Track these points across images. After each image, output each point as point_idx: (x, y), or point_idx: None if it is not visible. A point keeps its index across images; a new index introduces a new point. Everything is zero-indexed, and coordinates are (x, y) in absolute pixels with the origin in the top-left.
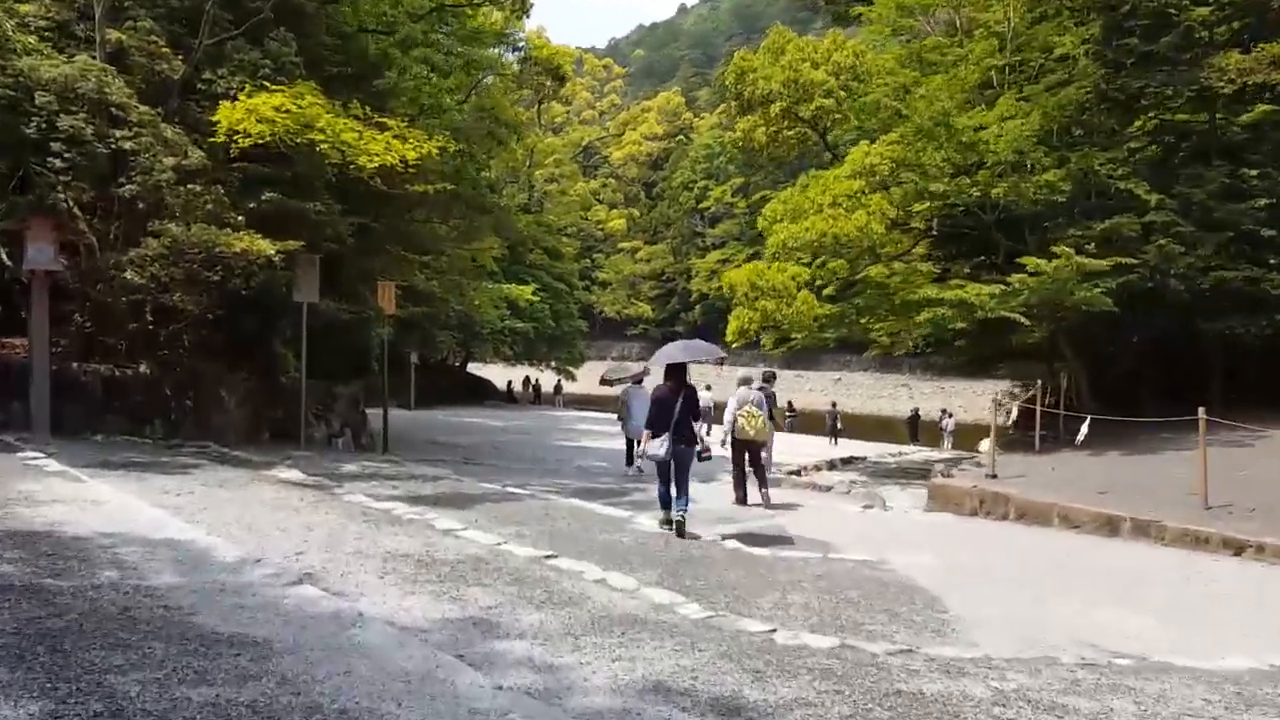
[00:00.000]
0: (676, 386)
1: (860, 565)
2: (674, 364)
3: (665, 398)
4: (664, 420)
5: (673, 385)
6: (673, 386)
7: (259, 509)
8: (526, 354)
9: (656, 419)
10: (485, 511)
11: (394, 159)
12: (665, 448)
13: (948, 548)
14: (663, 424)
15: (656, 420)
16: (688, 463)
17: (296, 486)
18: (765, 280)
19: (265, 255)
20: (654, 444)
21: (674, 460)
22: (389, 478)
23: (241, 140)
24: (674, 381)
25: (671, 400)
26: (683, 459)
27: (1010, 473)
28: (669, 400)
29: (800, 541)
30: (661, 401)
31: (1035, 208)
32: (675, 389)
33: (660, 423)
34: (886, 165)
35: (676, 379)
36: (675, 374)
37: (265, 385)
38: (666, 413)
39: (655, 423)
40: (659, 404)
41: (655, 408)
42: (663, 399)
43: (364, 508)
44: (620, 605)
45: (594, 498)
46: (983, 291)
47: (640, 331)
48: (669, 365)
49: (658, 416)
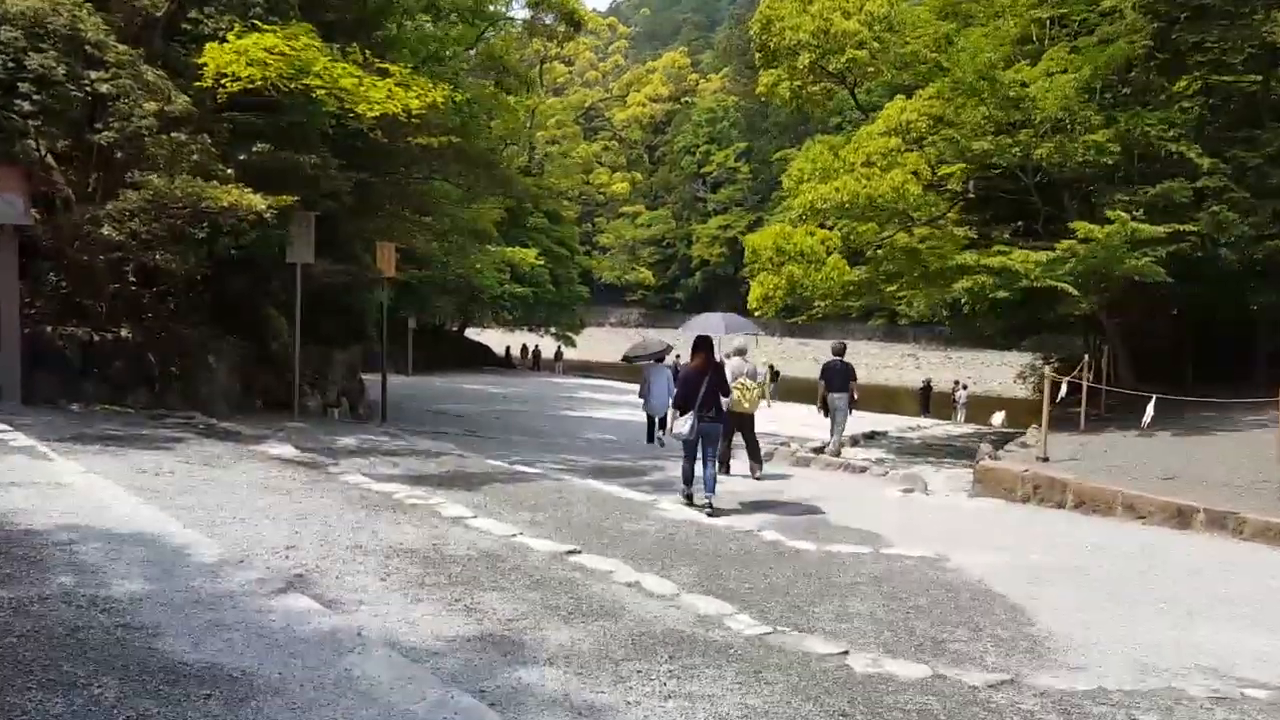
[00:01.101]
0: (704, 362)
1: (920, 564)
2: (702, 338)
3: (692, 375)
4: (692, 398)
5: (700, 361)
6: (700, 363)
7: (246, 492)
8: (526, 319)
9: (684, 397)
10: (494, 494)
11: (396, 107)
12: (691, 426)
13: (1011, 542)
14: (690, 402)
15: (685, 398)
16: (717, 438)
17: (289, 464)
18: (793, 244)
19: (256, 211)
20: (680, 422)
21: (702, 437)
22: (389, 453)
23: (230, 85)
24: (702, 357)
25: (699, 377)
26: (711, 434)
27: (1061, 455)
28: (696, 377)
29: (845, 533)
30: (689, 379)
31: (1082, 170)
32: (703, 365)
33: (689, 400)
34: (924, 122)
35: (705, 354)
36: (703, 349)
37: (257, 351)
38: (694, 390)
39: (683, 400)
40: (686, 381)
41: (683, 385)
42: (690, 376)
43: (362, 490)
44: (661, 617)
45: (610, 477)
46: (1030, 258)
47: (639, 298)
48: (698, 340)
49: (685, 394)
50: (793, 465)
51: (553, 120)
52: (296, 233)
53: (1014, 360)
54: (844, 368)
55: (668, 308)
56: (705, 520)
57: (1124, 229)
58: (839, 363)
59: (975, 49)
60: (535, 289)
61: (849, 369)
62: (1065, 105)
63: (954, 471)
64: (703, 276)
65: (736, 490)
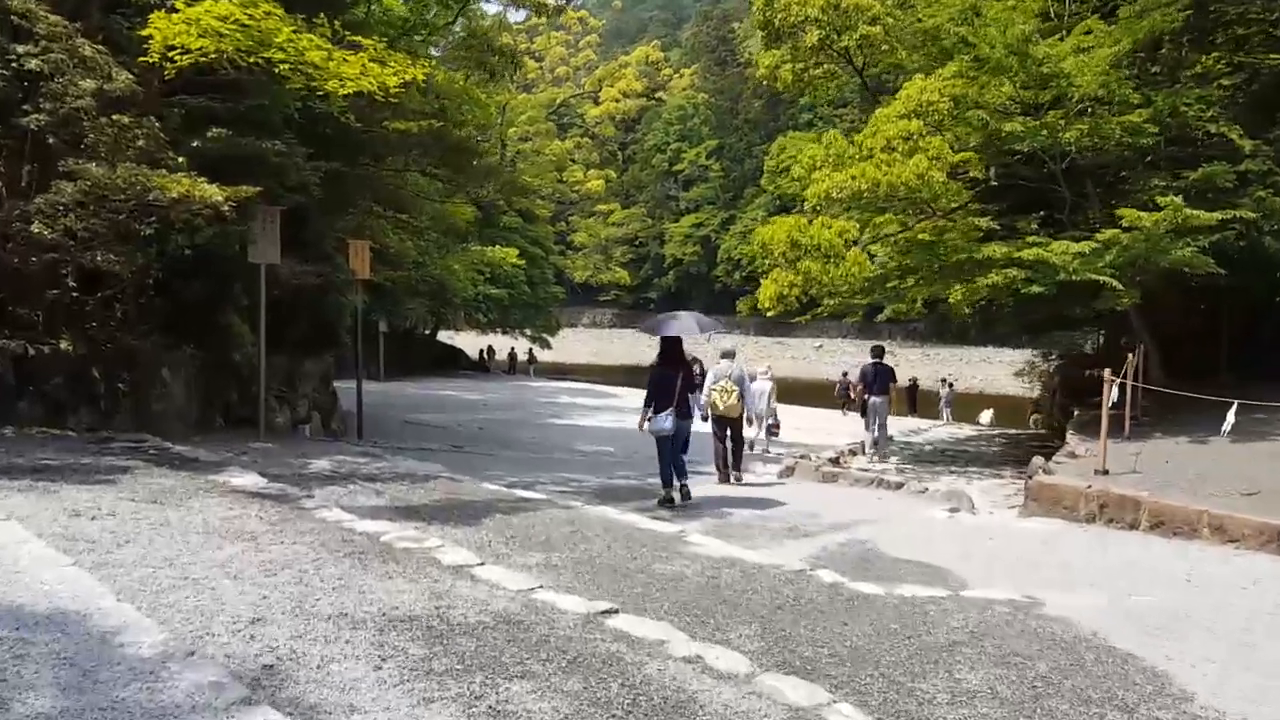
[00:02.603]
0: (675, 361)
1: (1014, 612)
2: (671, 338)
3: (667, 374)
4: (667, 395)
5: (671, 360)
6: (671, 361)
7: (201, 540)
8: (501, 322)
9: (659, 395)
10: (498, 529)
11: (371, 85)
12: (671, 421)
13: (1098, 576)
14: (665, 399)
15: (659, 396)
16: (687, 435)
17: (254, 498)
18: (809, 236)
19: (212, 204)
20: (658, 419)
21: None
22: (369, 478)
23: (180, 59)
24: (672, 356)
25: (673, 375)
26: (682, 432)
27: (1117, 467)
28: (670, 376)
29: (906, 568)
30: (663, 378)
31: (1120, 153)
32: (675, 364)
33: (663, 398)
34: (945, 103)
35: (674, 353)
36: (673, 348)
37: (217, 363)
38: (669, 388)
39: (657, 398)
40: (660, 380)
41: (655, 383)
42: (663, 374)
43: (343, 530)
44: (746, 715)
45: (621, 501)
46: (1069, 250)
47: (612, 298)
48: (667, 340)
49: (660, 392)
50: (820, 482)
51: (524, 117)
52: (260, 230)
53: (993, 356)
54: (883, 369)
55: (641, 307)
56: (746, 556)
57: (1176, 215)
58: (878, 364)
59: (1006, 21)
60: (511, 290)
61: (889, 371)
62: (1104, 83)
63: (985, 484)
64: (676, 275)
65: (766, 515)
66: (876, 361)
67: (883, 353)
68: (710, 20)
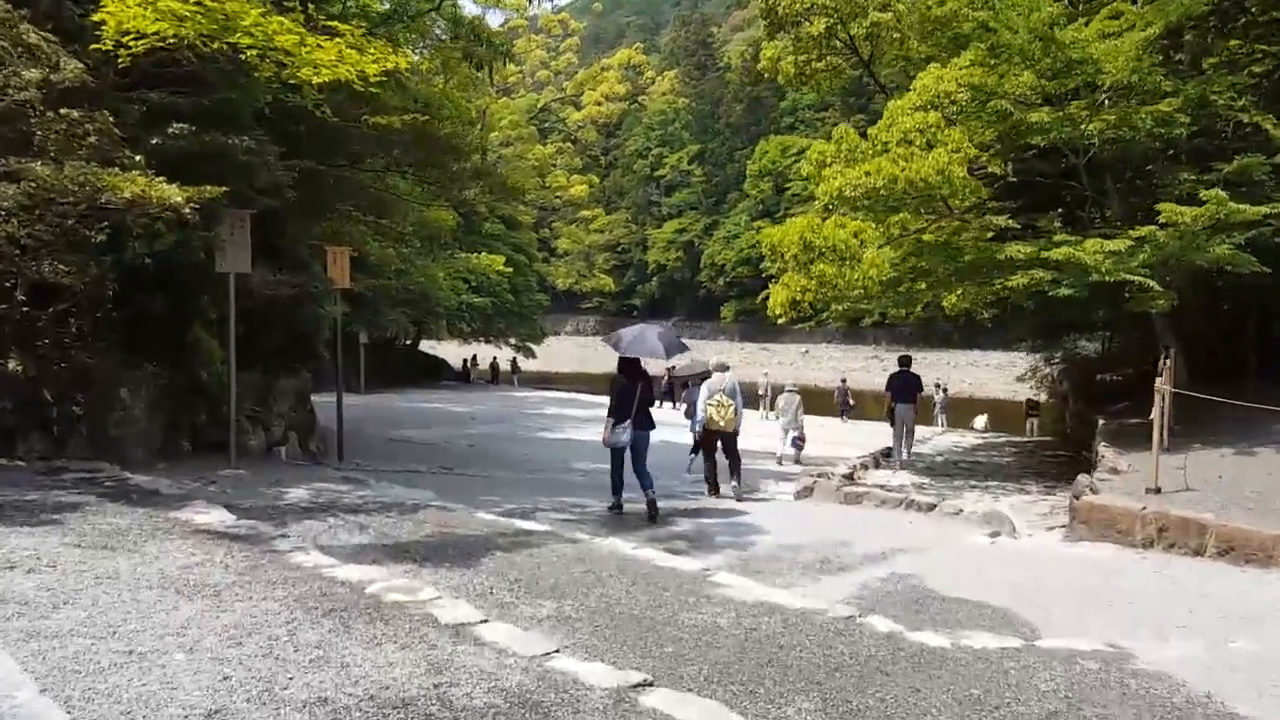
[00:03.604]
0: (635, 373)
1: (1105, 667)
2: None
3: (627, 386)
4: (626, 407)
5: (631, 372)
6: (631, 374)
7: (154, 598)
8: (485, 331)
9: (619, 406)
10: (499, 571)
11: (349, 73)
12: (628, 434)
13: (1184, 616)
14: (624, 411)
15: (619, 407)
16: (645, 448)
17: (220, 540)
18: (823, 238)
19: (172, 206)
20: (618, 431)
21: (633, 446)
22: (352, 510)
23: (135, 45)
24: (632, 369)
25: (632, 388)
26: (641, 445)
27: (1169, 484)
28: (630, 388)
29: (965, 610)
30: (623, 389)
31: (1150, 144)
32: (634, 376)
33: (622, 410)
34: (963, 93)
35: (634, 365)
36: (631, 363)
37: (183, 382)
38: (628, 400)
39: (617, 409)
40: (621, 391)
41: (617, 395)
42: (625, 386)
43: (322, 580)
44: None
45: (631, 530)
46: (1102, 248)
47: (596, 305)
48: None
49: (620, 404)
50: (843, 503)
51: (505, 121)
52: (228, 235)
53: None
54: (910, 378)
55: (625, 314)
56: (782, 600)
57: (1220, 209)
58: (905, 373)
59: (1028, 5)
60: (494, 299)
61: (915, 379)
62: (1136, 69)
63: (1014, 501)
64: (660, 282)
65: (792, 545)
66: (904, 370)
67: (910, 361)
68: (689, 25)
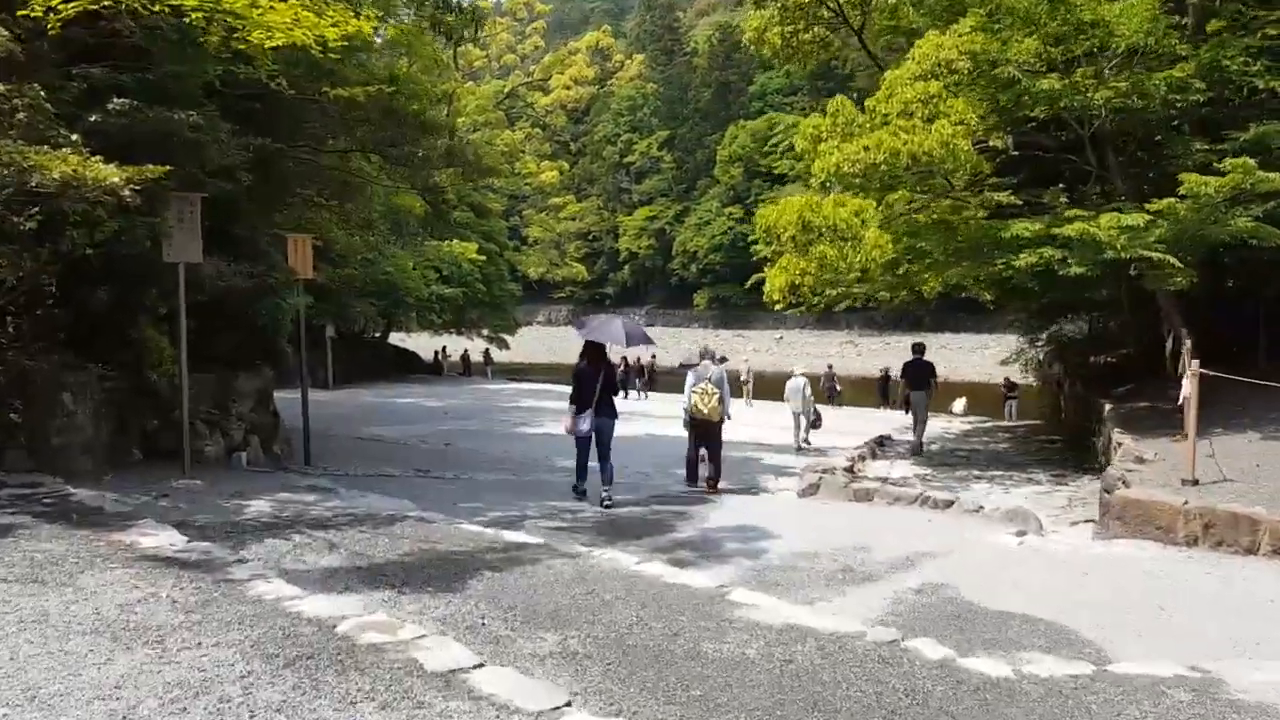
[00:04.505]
0: (597, 362)
1: (1197, 699)
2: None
3: (586, 372)
4: (587, 395)
5: (593, 361)
6: (592, 362)
7: (86, 649)
8: (456, 322)
9: (580, 394)
10: (491, 597)
11: (306, 37)
12: (589, 422)
13: (1266, 628)
14: (586, 399)
15: (580, 395)
16: (609, 435)
17: (168, 568)
18: (823, 218)
19: (109, 188)
20: (580, 419)
21: (596, 433)
22: (320, 524)
23: (65, 9)
24: (594, 356)
25: (593, 375)
26: (605, 431)
27: (1204, 474)
28: (590, 375)
29: (1017, 628)
30: (583, 377)
31: (1161, 113)
32: (596, 364)
33: (583, 398)
34: (964, 61)
35: (596, 354)
36: (594, 349)
37: (131, 385)
38: (589, 388)
39: (578, 398)
40: (580, 379)
41: (576, 383)
42: (584, 374)
43: (286, 617)
44: None
45: (631, 539)
46: (1119, 222)
47: (568, 295)
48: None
49: (581, 392)
50: (852, 500)
51: (472, 106)
52: (176, 221)
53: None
54: (924, 365)
55: (597, 304)
56: (813, 622)
57: (1247, 177)
58: (919, 360)
59: None
60: (466, 289)
61: (929, 366)
62: (1151, 30)
63: (1026, 492)
64: (631, 270)
65: (808, 552)
66: (918, 357)
67: (924, 349)
68: (654, 9)
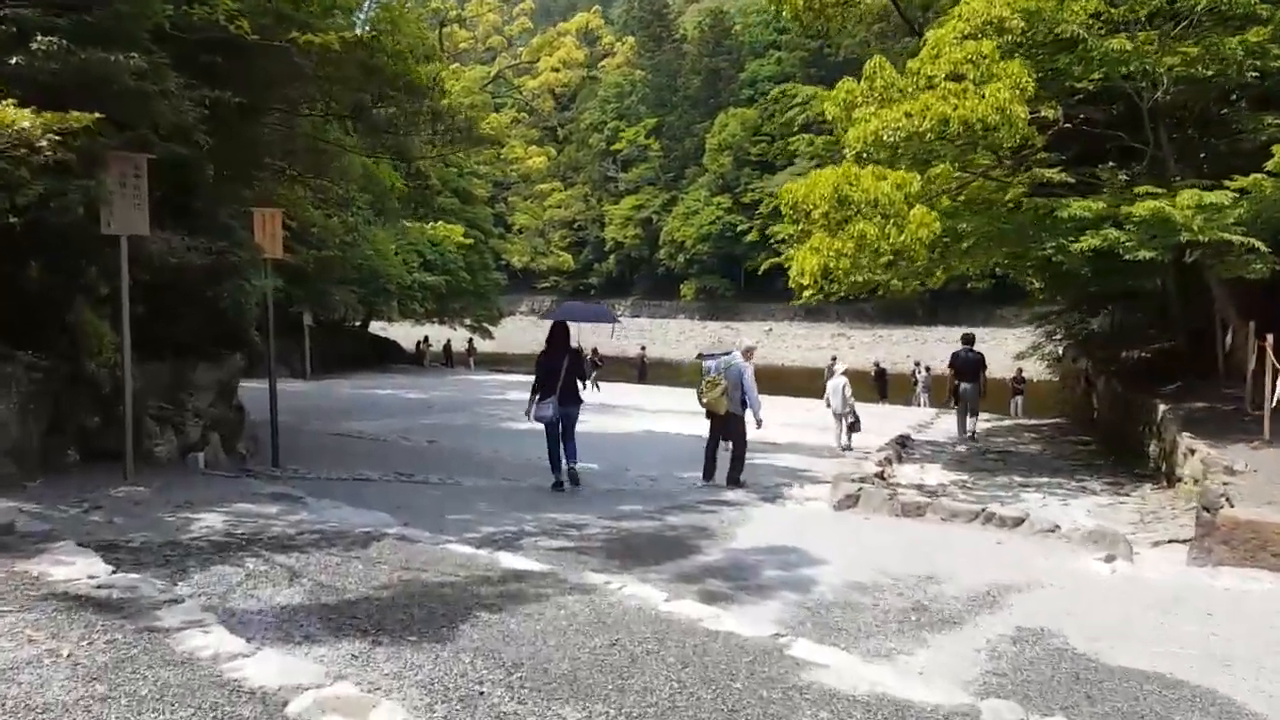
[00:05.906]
0: (562, 348)
1: None
2: (559, 325)
3: (552, 360)
4: (551, 382)
5: (558, 347)
6: (558, 348)
7: None
8: (439, 311)
9: (544, 381)
10: (489, 649)
11: None
12: (553, 409)
13: None
14: (550, 385)
15: (544, 382)
16: (574, 421)
17: (78, 612)
18: (863, 191)
19: (23, 139)
20: (542, 406)
21: (563, 419)
22: (279, 545)
23: None
24: (559, 343)
25: (558, 361)
26: (570, 418)
27: None
28: (555, 362)
29: (1149, 691)
30: (548, 364)
31: (1240, 79)
32: (560, 350)
33: (548, 384)
34: (1017, 20)
35: (562, 341)
36: (560, 336)
37: (66, 376)
38: (554, 374)
39: (542, 384)
40: (545, 366)
41: (541, 370)
42: (549, 361)
43: (220, 692)
44: None
45: (651, 564)
46: (1199, 200)
47: (552, 284)
48: (555, 327)
49: (545, 378)
50: (900, 516)
51: (459, 88)
52: (117, 188)
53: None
54: (975, 357)
55: (582, 293)
56: (904, 692)
57: None
58: (968, 352)
59: None
60: (449, 277)
61: (980, 359)
62: None
63: (1084, 503)
64: (617, 260)
65: (867, 584)
66: (968, 348)
67: (973, 340)
68: None
